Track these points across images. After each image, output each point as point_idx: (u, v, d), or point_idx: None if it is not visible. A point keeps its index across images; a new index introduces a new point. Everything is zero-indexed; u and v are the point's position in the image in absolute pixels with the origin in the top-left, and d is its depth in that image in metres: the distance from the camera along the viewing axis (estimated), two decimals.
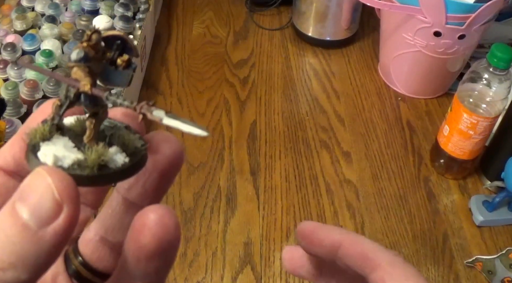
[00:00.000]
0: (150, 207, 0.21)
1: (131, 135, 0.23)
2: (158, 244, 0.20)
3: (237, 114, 0.92)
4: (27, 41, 0.83)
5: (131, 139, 0.23)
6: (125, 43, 0.24)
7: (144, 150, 0.23)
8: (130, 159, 0.22)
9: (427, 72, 0.93)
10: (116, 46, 0.23)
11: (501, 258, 0.72)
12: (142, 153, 0.23)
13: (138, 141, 0.23)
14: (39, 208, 0.18)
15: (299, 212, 0.78)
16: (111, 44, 0.23)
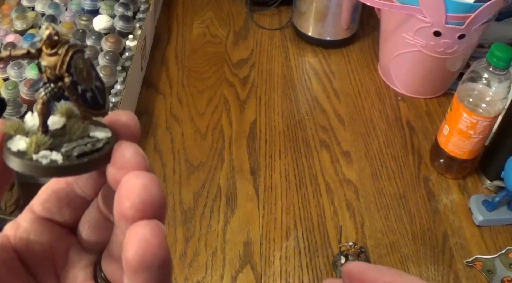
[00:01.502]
0: (131, 173, 0.23)
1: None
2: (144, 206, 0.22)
3: (237, 114, 0.92)
4: (27, 41, 0.83)
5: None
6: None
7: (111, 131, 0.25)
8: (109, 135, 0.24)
9: (427, 72, 0.93)
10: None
11: (501, 258, 0.73)
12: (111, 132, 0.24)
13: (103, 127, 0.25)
14: None
15: (299, 211, 0.78)
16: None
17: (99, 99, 0.23)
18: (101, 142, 0.24)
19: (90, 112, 0.23)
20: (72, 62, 0.22)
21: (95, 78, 0.23)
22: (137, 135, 0.26)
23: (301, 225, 0.77)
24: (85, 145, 0.23)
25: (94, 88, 0.23)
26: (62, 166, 0.23)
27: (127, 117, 0.26)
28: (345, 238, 0.75)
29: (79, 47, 0.22)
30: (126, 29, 0.89)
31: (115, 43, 0.85)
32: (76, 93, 0.22)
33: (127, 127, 0.25)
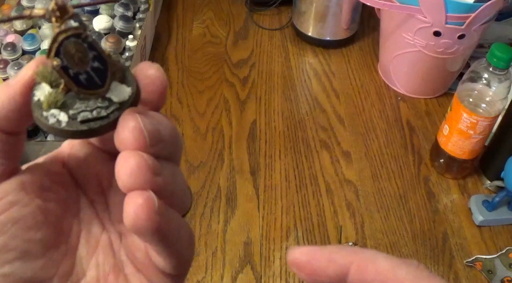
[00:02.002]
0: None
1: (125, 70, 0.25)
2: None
3: (237, 114, 0.92)
4: (27, 41, 0.83)
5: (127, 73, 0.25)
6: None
7: (136, 82, 0.25)
8: (131, 89, 0.25)
9: (427, 72, 0.93)
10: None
11: (501, 258, 0.73)
12: (136, 83, 0.25)
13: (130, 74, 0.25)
14: (18, 74, 0.25)
15: (299, 211, 0.78)
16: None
17: (96, 80, 0.23)
18: (110, 107, 0.24)
19: (85, 92, 0.24)
20: (61, 49, 0.22)
21: (93, 59, 0.23)
22: (162, 91, 0.26)
23: (301, 225, 0.77)
24: (91, 111, 0.24)
25: (90, 70, 0.23)
26: (64, 130, 0.24)
27: (154, 71, 0.26)
28: (345, 238, 0.75)
29: (73, 31, 0.22)
30: (126, 29, 0.89)
31: (115, 43, 0.85)
32: (67, 76, 0.23)
33: (152, 82, 0.25)
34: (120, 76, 0.25)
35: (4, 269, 0.25)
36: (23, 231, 0.25)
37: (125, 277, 0.28)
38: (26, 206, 0.25)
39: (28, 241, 0.25)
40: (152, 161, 0.23)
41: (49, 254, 0.26)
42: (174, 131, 0.26)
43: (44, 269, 0.26)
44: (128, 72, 0.25)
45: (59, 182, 0.28)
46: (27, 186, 0.26)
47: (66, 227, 0.28)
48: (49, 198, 0.27)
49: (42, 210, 0.26)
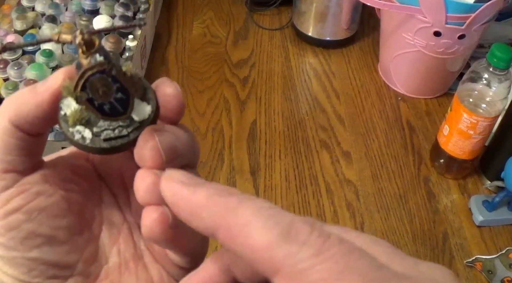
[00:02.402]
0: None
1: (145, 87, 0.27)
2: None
3: (237, 114, 0.92)
4: (28, 41, 0.83)
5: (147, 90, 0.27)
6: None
7: (156, 99, 0.27)
8: (151, 108, 0.26)
9: (427, 72, 0.93)
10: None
11: (501, 258, 0.73)
12: (155, 102, 0.27)
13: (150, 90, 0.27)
14: (46, 82, 0.26)
15: (299, 211, 0.78)
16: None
17: (119, 108, 0.25)
18: (131, 126, 0.26)
19: (108, 119, 0.26)
20: (87, 84, 0.24)
21: (116, 91, 0.25)
22: (179, 110, 0.27)
23: None
24: (113, 130, 0.26)
25: (113, 101, 0.25)
26: (88, 146, 0.26)
27: (172, 90, 0.27)
28: None
29: (98, 67, 0.24)
30: (126, 30, 0.89)
31: (115, 43, 0.85)
32: (92, 107, 0.25)
33: (170, 101, 0.27)
34: (141, 94, 0.26)
35: (32, 253, 0.27)
36: (49, 219, 0.27)
37: (144, 265, 0.31)
38: (51, 196, 0.28)
39: (54, 227, 0.28)
40: None
41: (74, 240, 0.29)
42: (190, 143, 0.27)
43: (69, 254, 0.28)
44: (149, 89, 0.27)
45: (81, 174, 0.30)
46: (50, 179, 0.28)
47: (89, 215, 0.30)
48: (72, 189, 0.29)
49: (66, 199, 0.28)
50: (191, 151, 0.27)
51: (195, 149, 0.28)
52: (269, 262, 0.19)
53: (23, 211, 0.26)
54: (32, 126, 0.26)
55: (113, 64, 0.24)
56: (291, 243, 0.19)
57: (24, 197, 0.27)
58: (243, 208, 0.20)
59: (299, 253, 0.19)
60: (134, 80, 0.26)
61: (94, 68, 0.24)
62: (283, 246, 0.19)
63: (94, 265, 0.30)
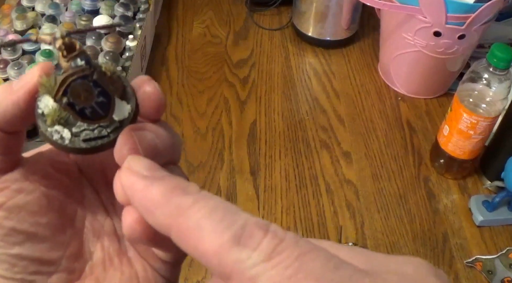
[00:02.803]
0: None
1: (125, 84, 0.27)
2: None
3: (237, 114, 0.92)
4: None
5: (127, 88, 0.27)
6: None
7: (135, 97, 0.27)
8: (130, 107, 0.26)
9: (427, 72, 0.93)
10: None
11: (501, 258, 0.73)
12: (135, 99, 0.26)
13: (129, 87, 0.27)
14: (21, 79, 0.26)
15: (299, 212, 0.78)
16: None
17: (100, 112, 0.25)
18: (111, 126, 0.26)
19: (89, 122, 0.25)
20: (68, 89, 0.24)
21: (97, 95, 0.25)
22: (159, 108, 0.27)
23: (301, 225, 0.77)
24: (92, 130, 0.26)
25: (94, 105, 0.25)
26: (67, 146, 0.26)
27: (150, 88, 0.27)
28: (345, 238, 0.75)
29: (80, 73, 0.24)
30: (126, 30, 0.89)
31: (115, 43, 0.85)
32: (73, 112, 0.25)
33: (149, 98, 0.27)
34: (120, 92, 0.26)
35: (14, 250, 0.27)
36: (29, 216, 0.27)
37: (129, 260, 0.31)
38: (31, 193, 0.28)
39: (35, 224, 0.27)
40: None
41: (56, 237, 0.29)
42: (171, 141, 0.27)
43: (52, 250, 0.28)
44: (128, 88, 0.27)
45: (62, 170, 0.30)
46: (30, 176, 0.28)
47: (71, 212, 0.30)
48: (53, 185, 0.29)
49: (46, 196, 0.28)
50: (172, 148, 0.27)
51: (175, 145, 0.28)
52: (221, 268, 0.18)
53: (4, 208, 0.26)
54: (9, 124, 0.26)
55: (94, 69, 0.24)
56: (242, 248, 0.18)
57: (4, 194, 0.27)
58: (196, 209, 0.20)
59: (249, 259, 0.18)
60: (113, 79, 0.26)
61: (76, 74, 0.24)
62: (234, 251, 0.18)
63: (78, 261, 0.30)
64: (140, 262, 0.30)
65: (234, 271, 0.18)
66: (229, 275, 0.18)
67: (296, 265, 0.18)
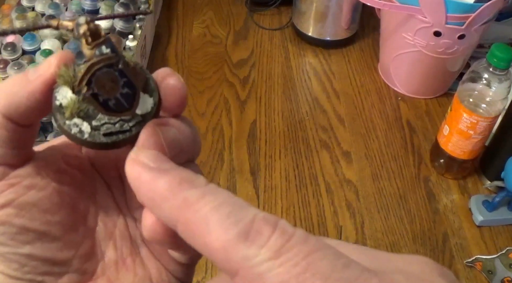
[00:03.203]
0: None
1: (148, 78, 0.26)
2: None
3: (237, 114, 0.92)
4: (27, 41, 0.83)
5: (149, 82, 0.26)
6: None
7: (158, 90, 0.25)
8: (153, 101, 0.25)
9: (427, 72, 0.93)
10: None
11: (501, 258, 0.73)
12: (158, 93, 0.25)
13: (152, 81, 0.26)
14: (38, 69, 0.24)
15: (299, 211, 0.78)
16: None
17: (124, 104, 0.24)
18: (133, 120, 0.24)
19: (112, 115, 0.24)
20: (93, 78, 0.22)
21: (123, 86, 0.23)
22: (182, 101, 0.26)
23: (301, 225, 0.77)
24: (114, 124, 0.24)
25: (119, 96, 0.24)
26: (86, 141, 0.24)
27: (174, 81, 0.26)
28: (345, 238, 0.75)
29: (106, 61, 0.22)
30: (126, 29, 0.89)
31: (115, 43, 0.85)
32: (96, 103, 0.23)
33: (173, 93, 0.25)
34: (143, 86, 0.25)
35: (25, 249, 0.26)
36: (40, 214, 0.26)
37: (142, 260, 0.29)
38: (42, 190, 0.26)
39: (46, 223, 0.26)
40: None
41: (68, 236, 0.27)
42: (193, 137, 0.26)
43: (63, 250, 0.27)
44: (151, 80, 0.25)
45: (75, 165, 0.29)
46: (42, 171, 0.27)
47: (83, 209, 0.29)
48: (65, 181, 0.28)
49: (58, 192, 0.27)
50: (194, 145, 0.26)
51: (197, 143, 0.27)
52: (227, 263, 0.18)
53: (14, 205, 0.25)
54: (23, 117, 0.25)
55: (120, 57, 0.23)
56: (250, 245, 0.18)
57: (15, 190, 0.25)
58: (203, 203, 0.19)
59: (257, 256, 0.18)
60: (136, 71, 0.24)
61: (102, 62, 0.22)
62: (241, 247, 0.18)
63: (91, 261, 0.28)
64: (153, 263, 0.29)
65: (241, 267, 0.18)
66: (235, 272, 0.18)
67: (304, 263, 0.17)
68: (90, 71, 0.22)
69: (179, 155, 0.24)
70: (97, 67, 0.22)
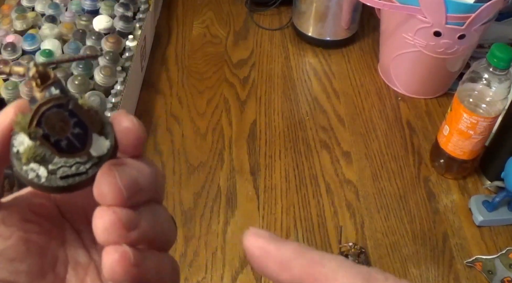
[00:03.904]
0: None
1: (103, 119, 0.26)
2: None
3: (237, 114, 0.92)
4: (27, 41, 0.83)
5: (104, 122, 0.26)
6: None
7: (114, 133, 0.26)
8: (109, 142, 0.25)
9: (427, 72, 0.93)
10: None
11: (501, 258, 0.73)
12: (113, 135, 0.25)
13: (107, 123, 0.26)
14: None
15: (299, 212, 0.78)
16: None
17: (76, 144, 0.24)
18: (89, 162, 0.25)
19: (66, 156, 0.24)
20: (42, 119, 0.23)
21: (73, 126, 0.24)
22: (137, 144, 0.26)
23: (301, 225, 0.77)
24: (70, 167, 0.24)
25: (70, 136, 0.24)
26: (43, 185, 0.24)
27: (128, 123, 0.26)
28: (345, 238, 0.75)
29: (54, 101, 0.23)
30: (126, 30, 0.89)
31: (115, 43, 0.85)
32: (47, 144, 0.23)
33: (126, 135, 0.26)
34: (99, 128, 0.25)
35: None
36: (7, 263, 0.26)
37: None
38: (8, 239, 0.26)
39: (14, 272, 0.26)
40: (127, 216, 0.24)
41: None
42: (154, 177, 0.26)
43: None
44: (107, 123, 0.26)
45: (42, 213, 0.29)
46: (6, 220, 0.26)
47: (52, 257, 0.28)
48: (32, 230, 0.27)
49: (25, 241, 0.27)
50: (154, 185, 0.26)
51: (158, 182, 0.27)
52: None
53: None
54: None
55: (70, 98, 0.23)
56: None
57: None
58: (327, 260, 0.23)
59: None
60: (91, 113, 0.25)
61: (50, 102, 0.23)
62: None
63: None
64: None
65: None
66: None
67: None
68: (39, 111, 0.23)
69: (138, 194, 0.25)
70: (45, 107, 0.23)
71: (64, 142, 0.24)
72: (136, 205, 0.25)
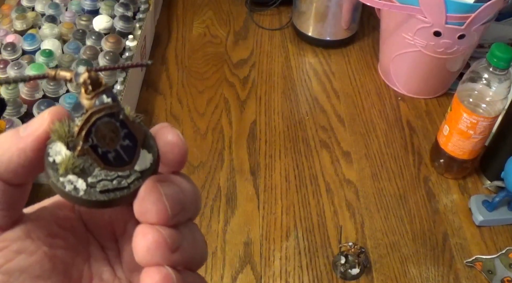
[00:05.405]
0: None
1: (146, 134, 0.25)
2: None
3: (237, 114, 0.92)
4: (27, 41, 0.83)
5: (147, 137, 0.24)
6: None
7: (156, 146, 0.24)
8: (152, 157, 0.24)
9: (427, 72, 0.93)
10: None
11: (501, 258, 0.73)
12: (157, 149, 0.24)
13: (150, 138, 0.25)
14: (30, 125, 0.24)
15: (299, 211, 0.78)
16: None
17: (124, 157, 0.23)
18: (131, 176, 0.23)
19: (111, 169, 0.23)
20: (93, 128, 0.21)
21: (123, 137, 0.22)
22: (181, 159, 0.25)
23: (301, 225, 0.77)
24: (111, 181, 0.23)
25: (119, 149, 0.22)
26: (82, 198, 0.23)
27: (172, 137, 0.25)
28: (345, 238, 0.75)
29: (107, 110, 0.21)
30: (126, 29, 0.89)
31: (115, 43, 0.85)
32: (95, 155, 0.22)
33: (171, 150, 0.25)
34: (142, 141, 0.24)
35: None
36: (31, 280, 0.24)
37: None
38: (33, 254, 0.25)
39: None
40: (171, 236, 0.23)
41: None
42: (195, 195, 0.25)
43: None
44: (149, 136, 0.24)
45: (67, 227, 0.27)
46: (32, 234, 0.25)
47: (76, 273, 0.27)
48: (57, 245, 0.26)
49: (50, 257, 0.25)
50: (196, 204, 0.25)
51: (198, 202, 0.26)
52: None
53: (2, 272, 0.23)
54: (14, 175, 0.23)
55: (121, 107, 0.22)
56: None
57: (3, 255, 0.23)
58: None
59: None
60: (135, 124, 0.23)
61: (103, 110, 0.21)
62: None
63: None
64: None
65: None
66: None
67: None
68: (90, 120, 0.21)
69: (181, 213, 0.24)
70: (98, 116, 0.21)
71: (112, 153, 0.22)
72: (177, 224, 0.24)
